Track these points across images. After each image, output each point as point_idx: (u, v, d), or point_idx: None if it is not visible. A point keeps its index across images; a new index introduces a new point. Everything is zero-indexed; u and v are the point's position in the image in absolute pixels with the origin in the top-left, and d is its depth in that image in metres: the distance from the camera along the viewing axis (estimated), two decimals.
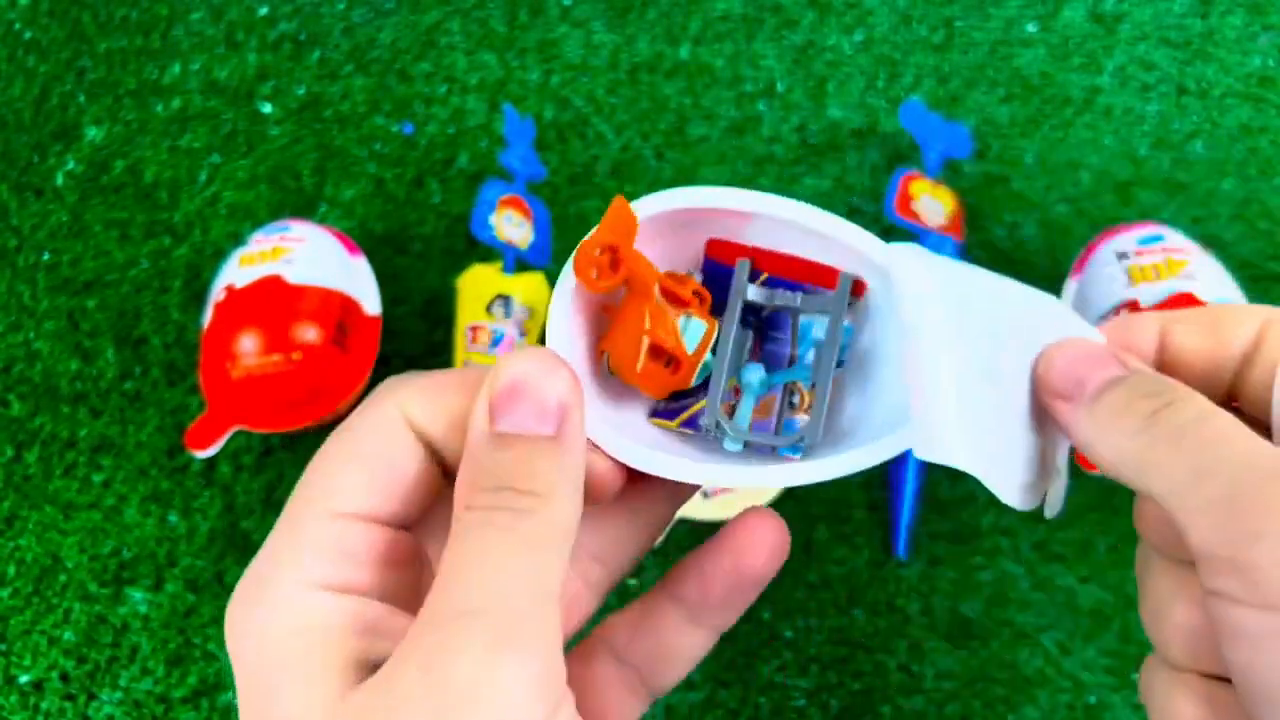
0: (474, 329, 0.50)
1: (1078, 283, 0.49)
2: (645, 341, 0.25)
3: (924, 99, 0.59)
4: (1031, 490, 0.24)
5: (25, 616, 0.49)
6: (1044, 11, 0.61)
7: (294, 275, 0.48)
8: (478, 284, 0.50)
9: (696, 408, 0.27)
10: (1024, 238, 0.54)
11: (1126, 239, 0.48)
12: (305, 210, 0.58)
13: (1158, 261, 0.46)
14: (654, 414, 0.27)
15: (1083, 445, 0.23)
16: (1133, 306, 0.45)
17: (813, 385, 0.26)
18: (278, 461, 0.51)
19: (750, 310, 0.27)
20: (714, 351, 0.27)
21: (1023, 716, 0.43)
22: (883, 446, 0.24)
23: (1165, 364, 0.25)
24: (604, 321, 0.27)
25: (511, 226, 0.52)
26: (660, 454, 0.24)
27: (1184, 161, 0.56)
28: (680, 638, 0.25)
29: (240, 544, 0.49)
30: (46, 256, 0.58)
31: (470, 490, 0.20)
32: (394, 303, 0.55)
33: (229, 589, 0.48)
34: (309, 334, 0.47)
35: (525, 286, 0.50)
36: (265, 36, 0.64)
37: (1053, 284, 0.53)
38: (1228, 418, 0.21)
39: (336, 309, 0.49)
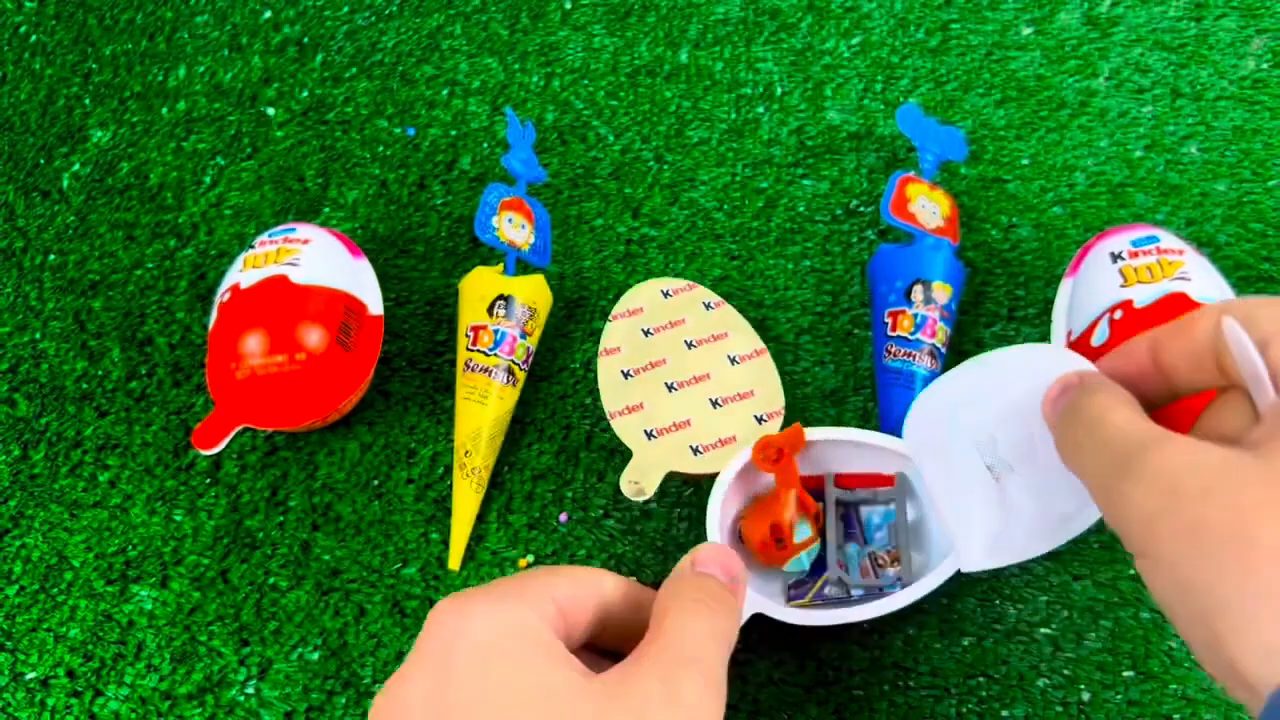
0: (475, 329, 0.50)
1: (1072, 283, 0.49)
2: (785, 515, 0.42)
3: (920, 102, 0.60)
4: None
5: (32, 614, 0.49)
6: (1039, 15, 0.62)
7: (298, 277, 0.49)
8: (479, 285, 0.51)
9: (816, 587, 0.43)
10: (1019, 239, 0.55)
11: (1121, 240, 0.49)
12: (309, 212, 0.59)
13: (1152, 263, 0.47)
14: (790, 600, 0.43)
15: (1059, 453, 0.34)
16: (1127, 307, 0.45)
17: (892, 548, 0.44)
18: (282, 460, 0.52)
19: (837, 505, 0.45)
20: (821, 539, 0.44)
21: (1015, 713, 0.44)
22: (943, 569, 0.41)
23: (1163, 371, 0.31)
24: (745, 501, 0.46)
25: (513, 228, 0.52)
26: (815, 612, 0.42)
27: (1178, 164, 0.56)
28: None
29: (245, 541, 0.50)
30: (53, 257, 0.59)
31: (676, 597, 0.32)
32: (397, 303, 0.55)
33: (234, 586, 0.49)
34: (313, 334, 0.48)
35: (526, 288, 0.51)
36: (269, 40, 0.65)
37: (1047, 285, 0.53)
38: (1113, 399, 0.30)
39: (340, 310, 0.49)
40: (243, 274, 0.50)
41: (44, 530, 0.51)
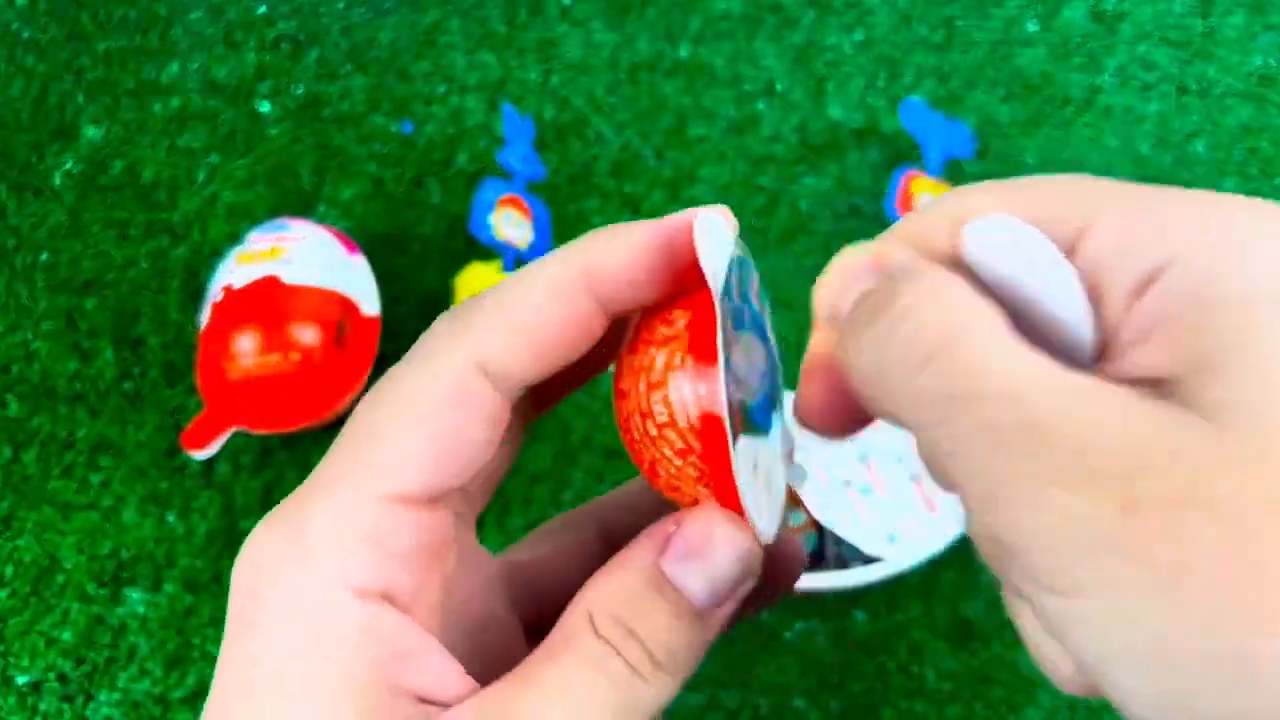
0: None
1: None
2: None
3: (924, 98, 0.59)
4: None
5: (23, 617, 0.48)
6: (1044, 11, 0.61)
7: (292, 275, 0.48)
8: (476, 284, 0.50)
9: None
10: None
11: None
12: (304, 210, 0.58)
13: None
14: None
15: (856, 390, 0.17)
16: None
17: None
18: (277, 462, 0.51)
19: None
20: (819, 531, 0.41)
21: (1024, 717, 0.43)
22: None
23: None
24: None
25: (510, 226, 0.52)
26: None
27: (1185, 161, 0.56)
28: None
29: (239, 544, 0.49)
30: (45, 256, 0.58)
31: (605, 614, 0.18)
32: (393, 302, 0.55)
33: (227, 590, 0.48)
34: (307, 334, 0.47)
35: None
36: (264, 36, 0.64)
37: None
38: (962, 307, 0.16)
39: (335, 309, 0.48)
40: (236, 272, 0.49)
41: (36, 532, 0.50)
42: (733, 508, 0.18)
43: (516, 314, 0.18)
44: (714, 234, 0.18)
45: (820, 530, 0.44)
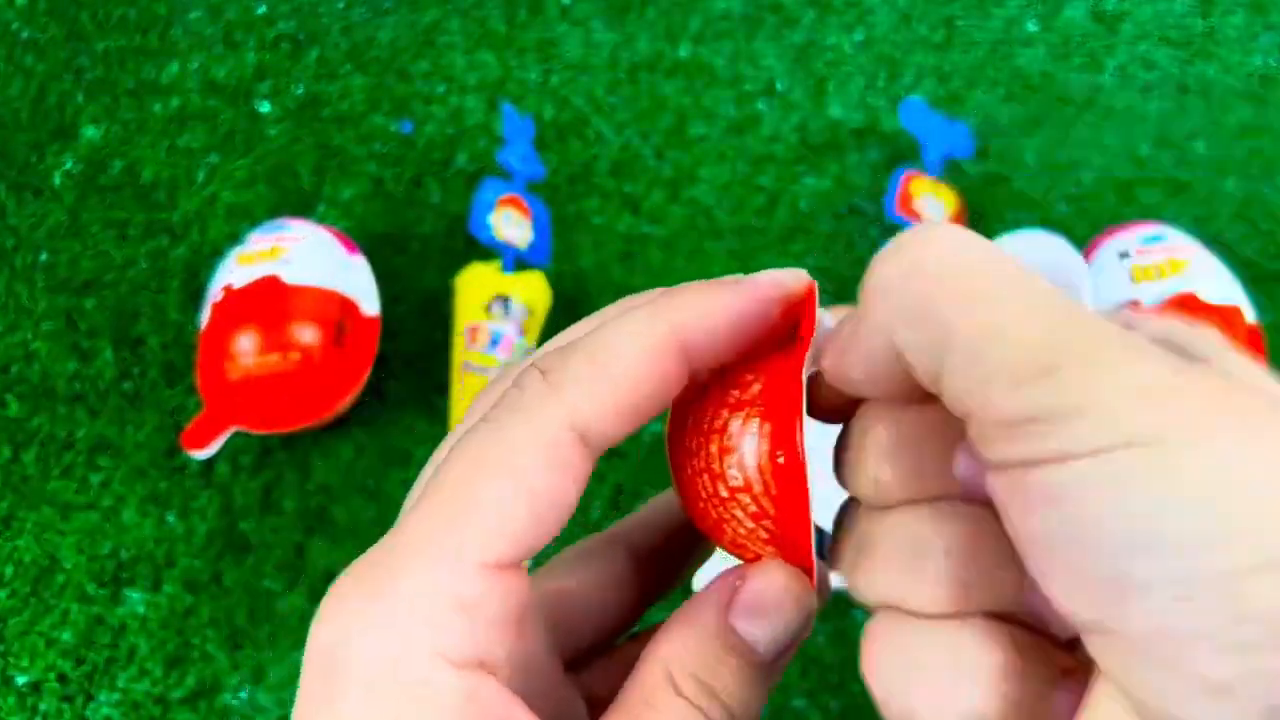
0: (472, 329, 0.49)
1: None
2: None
3: (924, 98, 0.59)
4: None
5: (23, 617, 0.48)
6: (1045, 11, 0.61)
7: (291, 275, 0.48)
8: (476, 283, 0.50)
9: None
10: None
11: (1128, 238, 0.48)
12: (304, 210, 0.58)
13: (1159, 261, 0.46)
14: None
15: None
16: (1135, 305, 0.45)
17: None
18: (276, 462, 0.51)
19: None
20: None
21: None
22: None
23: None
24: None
25: (510, 226, 0.52)
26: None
27: (1185, 161, 0.56)
28: None
29: (239, 544, 0.49)
30: (44, 256, 0.58)
31: (687, 662, 0.18)
32: (393, 302, 0.55)
33: (227, 590, 0.48)
34: (307, 334, 0.47)
35: (524, 286, 0.50)
36: (264, 36, 0.64)
37: None
38: None
39: (335, 309, 0.48)
40: (236, 272, 0.49)
41: (35, 533, 0.50)
42: (801, 564, 0.19)
43: (610, 374, 0.17)
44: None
45: (819, 531, 0.44)
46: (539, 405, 0.17)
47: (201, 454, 0.48)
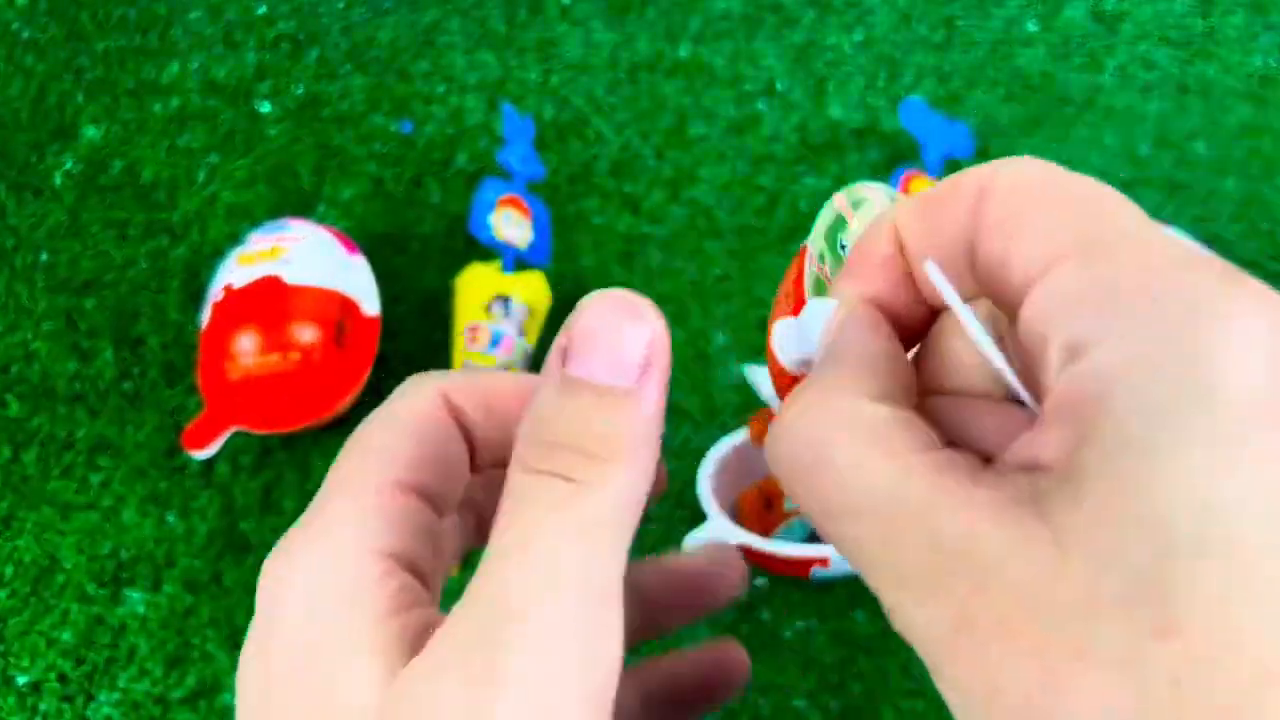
0: (472, 329, 0.49)
1: None
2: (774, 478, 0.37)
3: (924, 98, 0.59)
4: None
5: (23, 617, 0.48)
6: (1045, 11, 0.61)
7: (292, 275, 0.48)
8: (476, 283, 0.50)
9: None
10: None
11: None
12: (304, 210, 0.58)
13: None
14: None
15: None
16: None
17: None
18: (276, 463, 0.51)
19: None
20: None
21: None
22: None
23: (913, 269, 0.18)
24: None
25: (510, 226, 0.52)
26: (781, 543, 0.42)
27: (1185, 161, 0.56)
28: None
29: (239, 544, 0.49)
30: (44, 256, 0.58)
31: (529, 445, 0.17)
32: (393, 302, 0.55)
33: (227, 590, 0.48)
34: (307, 334, 0.47)
35: (524, 286, 0.50)
36: (264, 36, 0.64)
37: None
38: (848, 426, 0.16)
39: (335, 309, 0.48)
40: (236, 272, 0.49)
41: (35, 533, 0.50)
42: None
43: (475, 371, 0.22)
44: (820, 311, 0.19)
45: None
46: (416, 382, 0.20)
47: (202, 454, 0.48)
